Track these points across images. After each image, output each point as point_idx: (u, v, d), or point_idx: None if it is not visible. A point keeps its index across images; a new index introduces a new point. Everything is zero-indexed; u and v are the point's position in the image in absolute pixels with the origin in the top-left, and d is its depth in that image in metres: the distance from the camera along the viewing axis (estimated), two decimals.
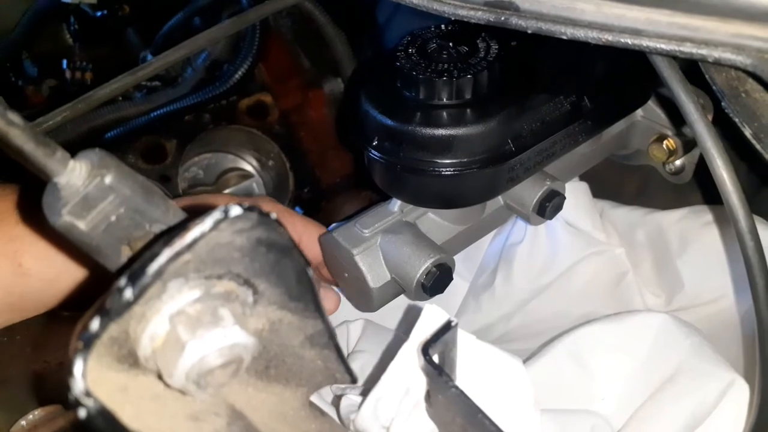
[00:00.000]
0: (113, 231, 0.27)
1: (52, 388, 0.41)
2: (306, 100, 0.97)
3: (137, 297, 0.23)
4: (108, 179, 0.27)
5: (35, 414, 0.37)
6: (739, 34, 0.29)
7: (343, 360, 0.32)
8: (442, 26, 0.58)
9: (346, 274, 0.62)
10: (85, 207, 0.27)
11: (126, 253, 0.28)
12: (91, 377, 0.23)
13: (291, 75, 0.98)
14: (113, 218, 0.27)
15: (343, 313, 0.68)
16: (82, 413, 0.22)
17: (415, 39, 0.57)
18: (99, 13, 1.15)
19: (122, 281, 0.22)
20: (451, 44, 0.56)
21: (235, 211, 0.23)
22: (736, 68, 0.30)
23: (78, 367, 0.22)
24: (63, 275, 0.46)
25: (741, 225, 0.38)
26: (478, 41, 0.56)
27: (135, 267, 0.23)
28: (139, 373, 0.26)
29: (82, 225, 0.27)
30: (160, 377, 0.25)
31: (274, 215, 0.25)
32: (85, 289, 0.47)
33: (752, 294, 0.40)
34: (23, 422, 0.37)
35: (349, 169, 0.99)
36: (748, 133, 0.34)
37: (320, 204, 0.99)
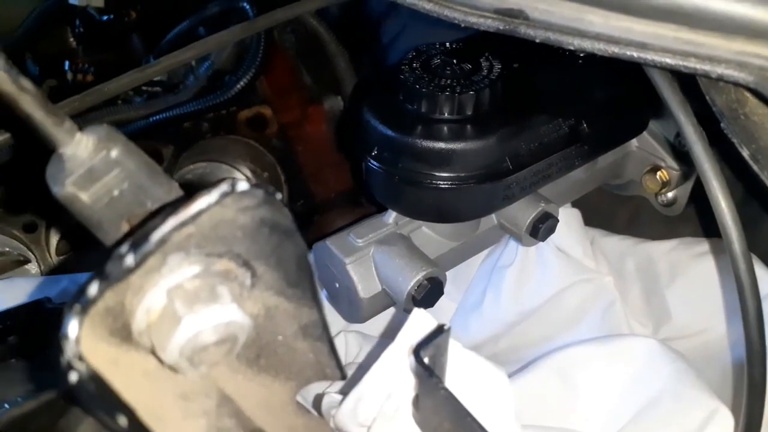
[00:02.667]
0: (115, 206, 0.27)
1: None
2: (305, 115, 0.98)
3: (138, 264, 0.22)
4: (114, 153, 0.27)
5: None
6: (743, 51, 0.30)
7: (335, 354, 0.32)
8: (447, 44, 0.59)
9: (337, 284, 0.62)
10: (90, 179, 0.27)
11: (125, 229, 0.28)
12: (84, 346, 0.23)
13: (292, 90, 0.98)
14: (116, 193, 0.27)
15: (342, 323, 0.68)
16: (73, 377, 0.21)
17: (419, 54, 0.58)
18: (105, 18, 1.15)
19: (124, 248, 0.22)
20: (454, 61, 0.57)
21: (242, 186, 0.23)
22: (738, 85, 0.31)
23: (72, 328, 0.21)
24: None
25: (734, 247, 0.38)
26: (481, 60, 0.56)
27: (138, 234, 0.22)
28: (131, 348, 0.26)
29: (84, 197, 0.27)
30: (153, 353, 0.25)
31: (279, 195, 0.25)
32: None
33: (743, 317, 0.40)
34: None
35: (344, 185, 0.99)
36: (746, 154, 0.35)
37: (313, 218, 0.99)
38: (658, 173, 0.70)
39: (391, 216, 0.62)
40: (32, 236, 0.86)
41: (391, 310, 0.66)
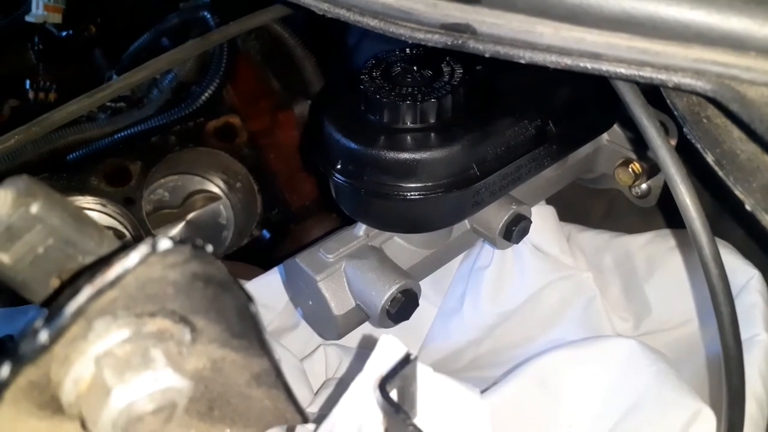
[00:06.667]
0: (41, 264, 0.26)
1: None
2: (276, 122, 0.96)
3: (53, 340, 0.21)
4: (34, 208, 0.25)
5: None
6: (700, 59, 0.28)
7: (293, 399, 0.30)
8: (407, 50, 0.57)
9: (310, 302, 0.61)
10: (9, 238, 0.25)
11: (55, 286, 0.26)
12: (7, 427, 0.21)
13: (260, 97, 0.96)
14: (40, 250, 0.25)
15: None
16: None
17: (379, 62, 0.56)
18: (64, 33, 1.13)
19: (38, 322, 0.21)
20: (415, 68, 0.55)
21: (165, 244, 0.22)
22: (697, 94, 0.30)
23: None
24: None
25: (705, 252, 0.37)
26: (442, 65, 0.55)
27: (53, 306, 0.21)
28: (65, 420, 0.24)
29: (5, 258, 0.25)
30: (83, 426, 0.23)
31: (210, 247, 0.23)
32: None
33: (717, 322, 0.39)
34: None
35: (319, 191, 0.98)
36: (710, 159, 0.33)
37: (289, 227, 0.98)
38: (631, 166, 0.69)
39: (362, 228, 0.60)
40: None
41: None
